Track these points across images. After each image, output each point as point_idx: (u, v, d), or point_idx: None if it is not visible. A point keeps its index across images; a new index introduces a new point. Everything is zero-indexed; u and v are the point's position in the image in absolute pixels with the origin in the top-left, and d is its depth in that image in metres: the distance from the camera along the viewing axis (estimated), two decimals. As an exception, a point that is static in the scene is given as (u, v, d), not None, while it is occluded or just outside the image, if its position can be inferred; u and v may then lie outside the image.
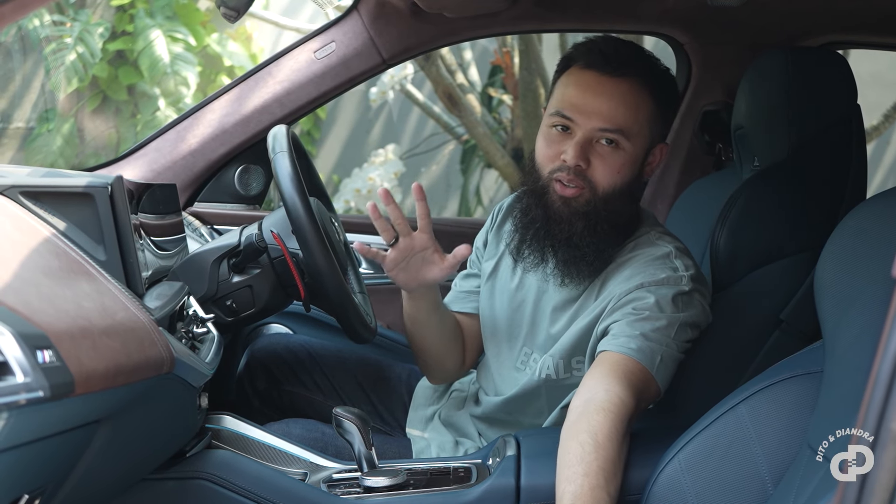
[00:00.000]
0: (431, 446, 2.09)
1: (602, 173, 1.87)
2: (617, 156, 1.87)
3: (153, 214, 1.88)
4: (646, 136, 1.90)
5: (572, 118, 1.87)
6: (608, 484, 1.57)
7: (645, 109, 1.88)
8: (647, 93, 1.88)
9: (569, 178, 1.86)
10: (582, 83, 1.89)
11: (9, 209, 1.43)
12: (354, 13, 2.70)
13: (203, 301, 1.95)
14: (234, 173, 2.76)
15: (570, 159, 1.86)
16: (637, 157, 1.90)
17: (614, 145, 1.87)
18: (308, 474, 1.83)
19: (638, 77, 1.87)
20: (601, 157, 1.87)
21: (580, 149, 1.86)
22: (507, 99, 5.00)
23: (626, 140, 1.87)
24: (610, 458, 1.60)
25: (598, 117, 1.86)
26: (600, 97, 1.86)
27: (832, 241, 1.54)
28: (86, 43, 4.80)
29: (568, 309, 1.96)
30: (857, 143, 2.12)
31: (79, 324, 1.22)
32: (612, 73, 1.87)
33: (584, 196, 1.87)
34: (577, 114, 1.87)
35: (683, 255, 1.91)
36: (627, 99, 1.86)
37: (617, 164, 1.87)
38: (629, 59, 1.88)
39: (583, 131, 1.86)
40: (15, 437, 1.10)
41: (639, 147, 1.89)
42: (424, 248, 1.94)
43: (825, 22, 2.67)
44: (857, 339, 1.41)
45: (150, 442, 1.58)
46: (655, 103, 1.90)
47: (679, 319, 1.83)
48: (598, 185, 1.87)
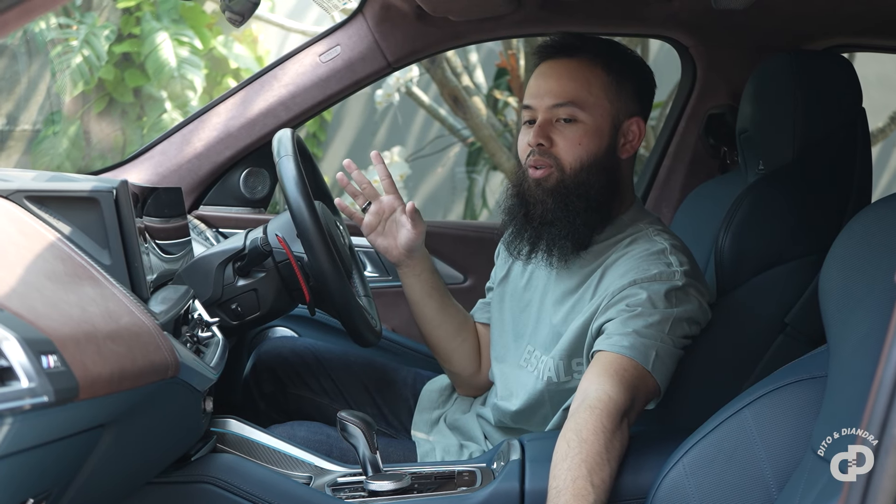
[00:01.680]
0: (436, 450, 2.09)
1: (565, 148, 1.95)
2: (576, 128, 1.95)
3: (158, 218, 1.89)
4: (606, 108, 1.96)
5: (531, 105, 1.98)
6: (592, 475, 1.60)
7: (598, 81, 1.96)
8: (599, 67, 1.97)
9: (536, 160, 1.96)
10: (536, 74, 2.01)
11: (13, 213, 1.43)
12: (360, 17, 2.70)
13: (208, 305, 1.95)
14: (240, 177, 2.76)
15: (532, 139, 1.95)
16: (600, 129, 1.96)
17: (572, 120, 1.95)
18: (313, 478, 1.83)
19: (586, 54, 1.98)
20: (561, 133, 1.95)
21: (539, 129, 1.96)
22: (512, 101, 5.00)
23: (581, 111, 1.94)
24: (595, 451, 1.63)
25: (550, 95, 1.96)
26: (550, 78, 1.97)
27: (837, 245, 1.54)
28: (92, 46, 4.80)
29: (567, 300, 1.98)
30: (862, 147, 2.12)
31: (83, 328, 1.22)
32: (559, 55, 1.98)
33: (553, 175, 1.96)
34: (533, 99, 1.98)
35: (678, 251, 1.92)
36: (575, 74, 1.96)
37: (577, 137, 1.95)
38: (575, 43, 1.99)
39: (541, 113, 1.96)
40: (20, 442, 1.10)
41: (599, 118, 1.95)
42: (393, 209, 2.10)
43: (830, 25, 2.66)
44: (862, 343, 1.41)
45: (154, 446, 1.58)
46: (610, 74, 1.97)
47: (673, 315, 1.83)
48: (563, 162, 1.95)
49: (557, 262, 1.98)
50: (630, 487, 1.67)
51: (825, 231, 1.94)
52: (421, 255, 2.13)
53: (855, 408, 1.35)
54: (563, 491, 1.58)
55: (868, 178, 2.12)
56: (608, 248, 1.97)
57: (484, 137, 4.70)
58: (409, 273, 2.14)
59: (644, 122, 2.02)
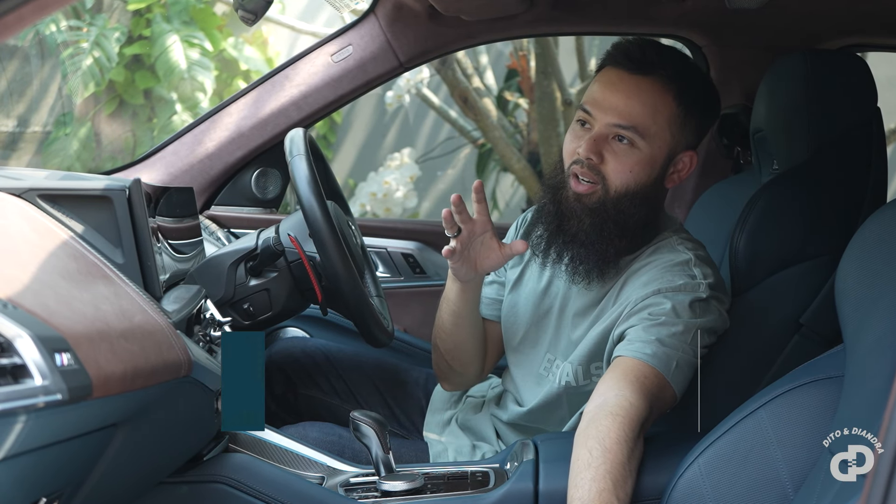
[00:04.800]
0: (449, 450, 2.08)
1: (614, 170, 1.87)
2: (631, 154, 1.87)
3: (170, 218, 1.89)
4: (666, 140, 1.88)
5: (591, 112, 1.89)
6: (616, 488, 1.57)
7: (666, 111, 1.87)
8: (671, 95, 1.87)
9: (582, 171, 1.88)
10: (604, 80, 1.90)
11: (27, 212, 1.43)
12: (371, 16, 2.70)
13: (220, 304, 1.95)
14: (252, 177, 2.76)
15: (583, 152, 1.87)
16: (654, 160, 1.88)
17: (629, 143, 1.86)
18: (325, 478, 1.83)
19: (661, 77, 1.87)
20: (614, 153, 1.87)
21: (593, 142, 1.87)
22: (522, 103, 5.00)
23: (641, 139, 1.86)
24: (619, 461, 1.60)
25: (614, 113, 1.86)
26: (618, 93, 1.87)
27: (853, 244, 1.53)
28: (102, 47, 4.80)
29: (589, 314, 1.96)
30: (877, 146, 2.11)
31: (97, 327, 1.22)
32: (634, 70, 1.87)
33: (596, 194, 1.88)
34: (595, 108, 1.88)
35: (703, 263, 1.89)
36: (645, 97, 1.86)
37: (630, 163, 1.87)
38: (654, 59, 1.88)
39: (598, 126, 1.87)
40: (33, 441, 1.10)
41: (656, 149, 1.88)
42: (484, 231, 1.93)
43: (844, 24, 2.65)
44: (879, 343, 1.40)
45: (167, 445, 1.57)
46: (680, 106, 1.88)
47: (696, 325, 1.82)
48: (610, 183, 1.87)
49: (581, 280, 1.93)
50: (646, 488, 1.66)
51: (840, 231, 1.93)
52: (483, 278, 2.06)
53: (873, 408, 1.34)
54: (587, 502, 1.55)
55: (883, 177, 2.10)
56: (632, 258, 1.94)
57: (494, 139, 4.70)
58: (469, 290, 2.03)
59: (696, 156, 1.95)
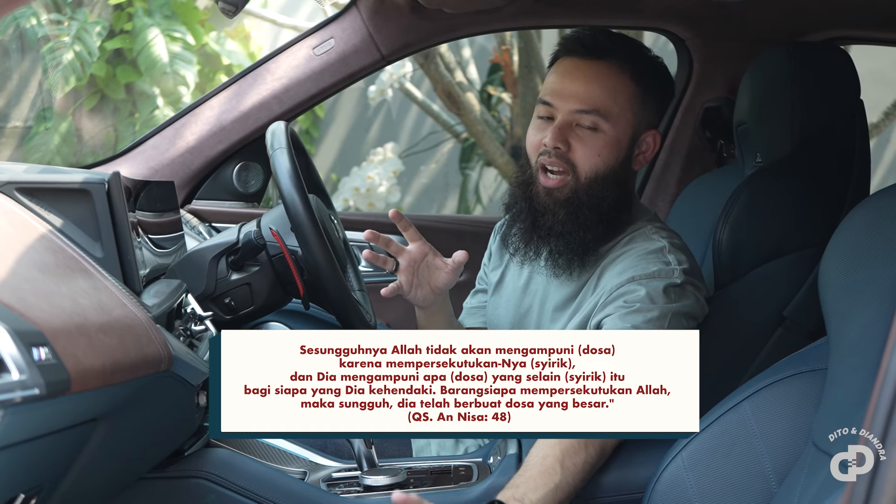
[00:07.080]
0: (432, 445, 2.08)
1: (582, 156, 1.89)
2: (597, 138, 1.89)
3: (151, 212, 1.87)
4: (629, 120, 1.91)
5: (552, 103, 1.91)
6: (564, 457, 1.63)
7: (625, 91, 1.90)
8: (628, 75, 1.90)
9: (550, 161, 1.89)
10: (561, 70, 1.93)
11: (5, 205, 1.42)
12: (353, 9, 2.69)
13: (201, 299, 1.93)
14: (233, 170, 2.75)
15: (549, 141, 1.89)
16: (620, 141, 1.90)
17: (593, 128, 1.89)
18: (307, 473, 1.82)
19: (616, 60, 1.90)
20: (581, 139, 1.89)
21: (558, 131, 1.89)
22: (506, 97, 4.99)
23: (604, 122, 1.88)
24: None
25: (574, 99, 1.89)
26: (577, 80, 1.90)
27: (837, 236, 1.53)
28: (83, 42, 4.77)
29: (568, 307, 1.96)
30: (860, 139, 2.12)
31: (75, 321, 1.21)
32: (588, 56, 1.90)
33: (567, 186, 1.90)
34: (556, 98, 1.90)
35: (678, 250, 1.90)
36: (604, 80, 1.89)
37: (597, 147, 1.89)
38: (606, 44, 1.91)
39: (561, 114, 1.89)
40: (10, 436, 1.09)
41: (621, 130, 1.90)
42: (424, 255, 1.94)
43: (828, 17, 2.66)
44: (863, 334, 1.40)
45: (147, 440, 1.56)
46: (637, 86, 1.91)
47: (671, 310, 1.82)
48: (579, 169, 1.89)
49: (562, 272, 1.94)
50: (629, 481, 1.66)
51: (823, 224, 1.93)
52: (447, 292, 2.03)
53: (857, 400, 1.35)
54: (530, 467, 1.61)
55: (866, 170, 2.11)
56: (608, 248, 1.94)
57: (477, 133, 4.70)
58: (434, 312, 2.02)
59: (660, 134, 1.98)
